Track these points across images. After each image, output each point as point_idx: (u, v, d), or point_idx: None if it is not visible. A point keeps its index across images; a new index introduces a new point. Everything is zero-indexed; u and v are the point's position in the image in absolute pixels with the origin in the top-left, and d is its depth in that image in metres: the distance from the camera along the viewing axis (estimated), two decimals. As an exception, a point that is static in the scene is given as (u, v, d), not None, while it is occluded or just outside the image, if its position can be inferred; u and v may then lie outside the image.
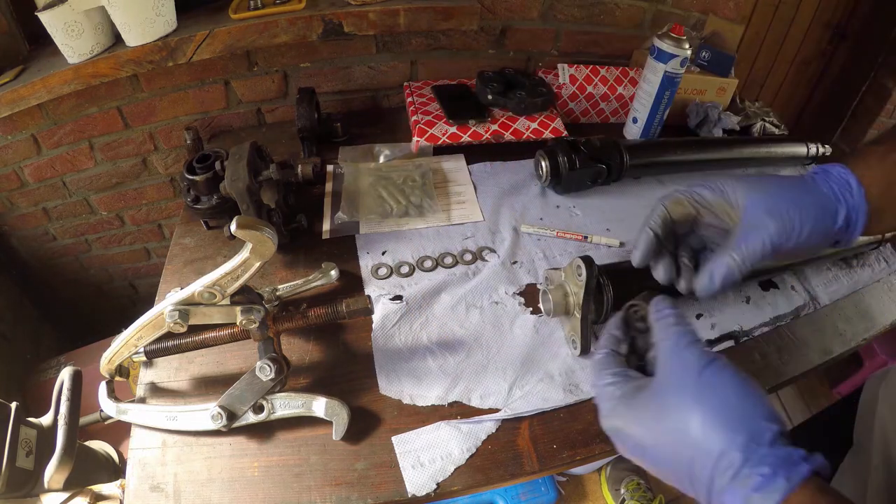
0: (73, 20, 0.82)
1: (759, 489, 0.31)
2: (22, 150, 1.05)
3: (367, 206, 0.85)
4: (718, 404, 0.34)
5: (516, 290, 0.74)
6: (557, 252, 0.79)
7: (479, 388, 0.63)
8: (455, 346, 0.67)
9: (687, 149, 0.92)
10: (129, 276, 1.42)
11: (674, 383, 0.37)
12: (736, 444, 0.32)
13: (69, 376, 0.67)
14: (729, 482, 0.32)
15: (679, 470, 0.35)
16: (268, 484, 0.55)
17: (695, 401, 0.35)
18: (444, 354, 0.66)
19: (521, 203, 0.87)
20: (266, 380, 0.57)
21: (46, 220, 1.20)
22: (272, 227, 0.51)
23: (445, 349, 0.66)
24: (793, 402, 1.54)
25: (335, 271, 0.74)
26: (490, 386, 0.63)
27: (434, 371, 0.64)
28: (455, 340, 0.67)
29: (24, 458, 0.69)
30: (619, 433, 0.39)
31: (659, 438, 0.36)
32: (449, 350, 0.66)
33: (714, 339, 0.70)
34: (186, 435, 0.59)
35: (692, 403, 0.35)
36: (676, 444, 0.35)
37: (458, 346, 0.67)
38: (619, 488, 1.29)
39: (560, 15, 1.06)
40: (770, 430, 0.33)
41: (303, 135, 0.93)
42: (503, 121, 0.97)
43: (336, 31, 0.92)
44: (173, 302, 0.55)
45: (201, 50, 0.89)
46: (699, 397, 0.35)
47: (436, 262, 0.77)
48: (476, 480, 0.56)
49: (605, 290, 0.62)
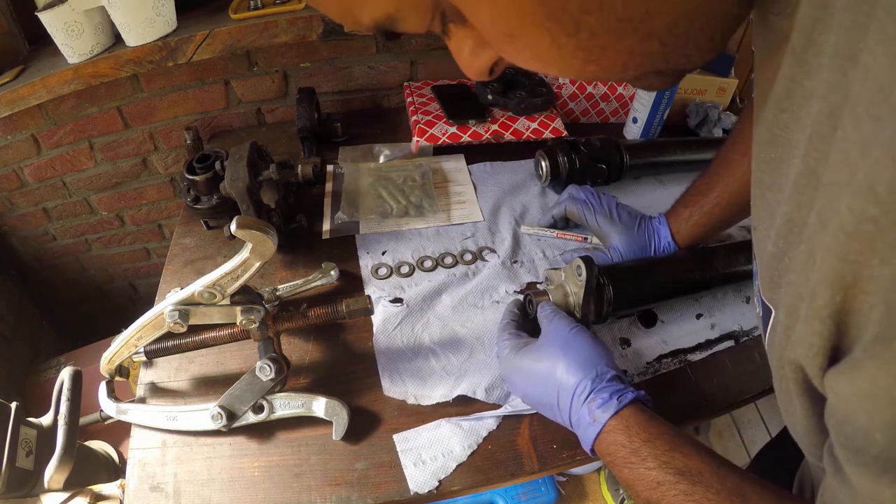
0: (73, 20, 0.82)
1: (600, 406, 0.47)
2: (22, 150, 1.05)
3: (367, 206, 0.85)
4: (577, 354, 0.50)
5: (517, 290, 0.74)
6: (557, 251, 0.79)
7: (482, 385, 0.63)
8: (457, 346, 0.67)
9: (687, 149, 0.92)
10: (129, 276, 1.42)
11: (548, 340, 0.53)
12: (588, 379, 0.48)
13: (69, 376, 0.67)
14: (581, 404, 0.48)
15: (550, 401, 0.51)
16: (268, 484, 0.55)
17: (562, 351, 0.51)
18: (446, 355, 0.66)
19: (521, 203, 0.87)
20: (266, 380, 0.57)
21: (46, 220, 1.20)
22: (272, 227, 0.51)
23: (448, 349, 0.66)
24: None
25: (335, 271, 0.74)
26: (494, 383, 0.63)
27: (437, 371, 0.64)
28: (457, 340, 0.67)
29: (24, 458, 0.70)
30: (509, 378, 0.57)
31: (535, 379, 0.52)
32: (452, 350, 0.66)
33: (714, 339, 0.70)
34: (186, 435, 0.59)
35: (560, 353, 0.51)
36: (547, 382, 0.51)
37: (461, 345, 0.67)
38: (618, 488, 1.29)
39: (560, 15, 1.06)
40: (609, 372, 0.49)
41: (303, 135, 0.93)
42: (503, 121, 0.97)
43: (336, 30, 0.92)
44: (173, 302, 0.55)
45: (201, 50, 0.89)
46: (565, 349, 0.51)
47: (436, 262, 0.77)
48: (476, 480, 0.56)
49: (604, 290, 0.62)
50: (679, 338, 0.70)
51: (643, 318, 0.72)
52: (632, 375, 0.65)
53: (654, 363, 0.67)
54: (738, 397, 0.64)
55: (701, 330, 0.71)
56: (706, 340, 0.70)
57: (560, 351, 0.51)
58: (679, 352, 0.68)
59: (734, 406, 0.65)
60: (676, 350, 0.68)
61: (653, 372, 0.66)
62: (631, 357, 0.67)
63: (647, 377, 0.65)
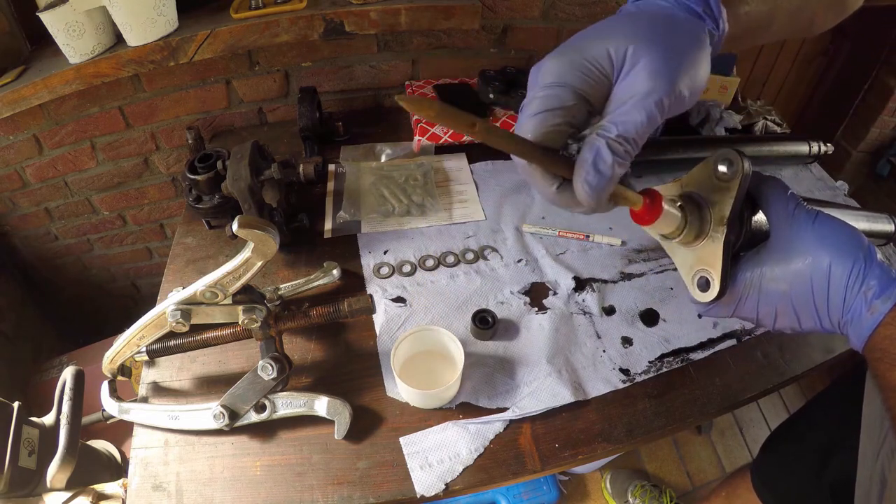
0: (75, 20, 0.82)
1: (878, 297, 0.39)
2: (24, 151, 1.05)
3: (369, 206, 0.85)
4: (834, 242, 0.41)
5: (521, 290, 0.74)
6: (560, 250, 0.79)
7: (486, 389, 0.63)
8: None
9: (689, 147, 0.92)
10: (131, 275, 1.42)
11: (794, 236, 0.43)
12: (858, 265, 0.40)
13: (71, 376, 0.67)
14: (856, 296, 0.40)
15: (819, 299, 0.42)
16: (270, 483, 0.55)
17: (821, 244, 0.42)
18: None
19: (523, 202, 0.87)
20: (268, 379, 0.57)
21: (48, 219, 1.20)
22: (274, 227, 0.51)
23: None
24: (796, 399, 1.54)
25: (337, 270, 0.74)
26: (498, 386, 0.63)
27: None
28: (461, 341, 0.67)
29: (27, 457, 0.70)
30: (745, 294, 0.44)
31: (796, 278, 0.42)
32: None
33: (717, 338, 0.70)
34: (189, 434, 0.59)
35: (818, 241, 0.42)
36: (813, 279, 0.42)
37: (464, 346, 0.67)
38: (626, 500, 1.28)
39: (561, 14, 1.06)
40: (874, 252, 0.41)
41: (304, 134, 0.93)
42: (505, 119, 0.97)
43: (337, 30, 0.91)
44: (175, 301, 0.55)
45: (203, 49, 0.89)
46: (822, 240, 0.42)
47: (438, 262, 0.77)
48: (479, 479, 0.56)
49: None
50: (681, 336, 0.70)
51: (645, 316, 0.71)
52: (633, 374, 0.65)
53: (656, 362, 0.67)
54: (740, 396, 0.64)
55: (703, 329, 0.71)
56: (708, 339, 0.69)
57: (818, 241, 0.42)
58: (681, 350, 0.68)
59: (736, 405, 0.65)
60: (678, 349, 0.68)
61: (655, 371, 0.66)
62: (633, 356, 0.67)
63: (649, 376, 0.65)
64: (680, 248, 0.46)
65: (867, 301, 0.40)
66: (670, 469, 1.40)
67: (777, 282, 0.43)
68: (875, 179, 1.75)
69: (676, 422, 0.61)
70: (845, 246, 0.41)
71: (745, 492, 0.84)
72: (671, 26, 0.41)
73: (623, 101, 0.39)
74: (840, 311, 0.41)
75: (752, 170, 0.43)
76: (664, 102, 0.39)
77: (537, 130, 0.39)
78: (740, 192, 0.42)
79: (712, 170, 0.43)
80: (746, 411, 1.53)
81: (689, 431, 1.46)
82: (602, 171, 0.38)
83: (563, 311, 0.71)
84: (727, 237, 0.43)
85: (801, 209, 0.44)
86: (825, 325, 0.42)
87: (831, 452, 0.66)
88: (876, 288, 0.40)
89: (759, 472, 0.82)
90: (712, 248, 0.44)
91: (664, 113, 0.39)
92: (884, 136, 1.69)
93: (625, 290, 0.75)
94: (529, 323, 0.70)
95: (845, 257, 0.41)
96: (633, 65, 0.39)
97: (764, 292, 0.44)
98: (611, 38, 0.39)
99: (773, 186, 0.45)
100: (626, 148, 0.39)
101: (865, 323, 0.40)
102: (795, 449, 0.76)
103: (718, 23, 0.43)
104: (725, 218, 0.43)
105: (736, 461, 1.42)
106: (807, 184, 0.96)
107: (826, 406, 0.76)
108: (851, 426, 0.54)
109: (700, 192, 0.44)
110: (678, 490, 1.34)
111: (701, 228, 0.44)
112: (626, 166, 0.39)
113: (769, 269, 0.43)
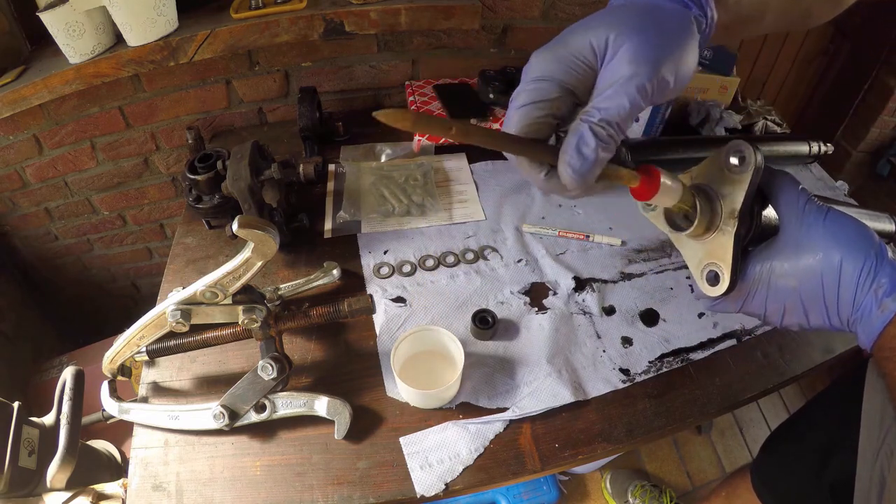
0: (75, 20, 0.82)
1: (889, 294, 0.39)
2: (24, 151, 1.05)
3: (369, 206, 0.85)
4: (846, 238, 0.41)
5: (521, 290, 0.74)
6: (560, 250, 0.79)
7: (486, 389, 0.63)
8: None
9: (689, 147, 0.92)
10: (132, 275, 1.42)
11: (805, 232, 0.43)
12: (869, 261, 0.40)
13: (71, 376, 0.67)
14: (866, 293, 0.40)
15: (829, 296, 0.41)
16: (270, 483, 0.55)
17: (833, 238, 0.41)
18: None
19: (523, 202, 0.87)
20: (268, 379, 0.57)
21: (48, 220, 1.20)
22: (274, 227, 0.51)
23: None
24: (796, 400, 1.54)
25: (337, 270, 0.74)
26: (498, 386, 0.63)
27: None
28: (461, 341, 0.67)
29: (27, 457, 0.70)
30: (754, 289, 0.44)
31: (805, 274, 0.42)
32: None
33: (717, 338, 0.70)
34: (189, 434, 0.59)
35: (829, 238, 0.41)
36: (823, 275, 0.41)
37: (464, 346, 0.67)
38: (626, 499, 1.28)
39: (561, 14, 1.06)
40: (885, 250, 0.40)
41: (304, 134, 0.93)
42: (504, 119, 0.97)
43: (337, 30, 0.91)
44: (175, 301, 0.55)
45: (203, 49, 0.89)
46: (833, 237, 0.41)
47: (438, 262, 0.77)
48: (479, 479, 0.56)
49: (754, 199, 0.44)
50: (681, 336, 0.70)
51: (645, 316, 0.71)
52: (633, 374, 0.65)
53: (656, 362, 0.67)
54: (740, 396, 0.64)
55: (703, 328, 0.71)
56: (708, 339, 0.69)
57: (831, 240, 0.41)
58: (681, 350, 0.68)
59: (736, 405, 0.65)
60: (678, 349, 0.68)
61: (655, 371, 0.66)
62: (633, 356, 0.67)
63: (649, 376, 0.65)
64: (689, 242, 0.45)
65: (877, 299, 0.39)
66: (670, 469, 1.40)
67: (787, 277, 0.43)
68: (875, 179, 1.75)
69: (676, 422, 0.61)
70: (857, 243, 0.41)
71: (745, 492, 0.84)
72: (655, 14, 0.41)
73: (606, 87, 0.39)
74: (850, 308, 0.41)
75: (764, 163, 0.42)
76: (647, 87, 0.38)
77: (522, 123, 0.40)
78: (752, 184, 0.41)
79: (723, 161, 0.42)
80: (746, 411, 1.53)
81: (689, 431, 1.46)
82: (585, 154, 0.38)
83: (563, 311, 0.71)
84: (738, 230, 0.42)
85: (812, 205, 0.43)
86: (834, 322, 0.42)
87: (831, 452, 0.66)
88: (887, 286, 0.39)
89: (758, 472, 0.82)
90: (722, 241, 0.43)
91: (647, 98, 0.39)
92: (884, 136, 1.69)
93: (625, 290, 0.75)
94: (529, 323, 0.70)
95: (857, 254, 0.40)
96: (616, 52, 0.39)
97: (773, 288, 0.44)
98: (594, 29, 0.39)
99: (784, 181, 0.45)
100: (609, 132, 0.39)
101: (875, 321, 0.40)
102: (795, 449, 0.76)
103: (706, 10, 0.42)
104: (736, 211, 0.42)
105: (736, 461, 1.42)
106: (807, 184, 0.95)
107: (826, 406, 0.76)
108: (851, 426, 0.54)
109: (710, 184, 0.43)
110: (678, 490, 1.34)
111: (711, 221, 0.43)
112: (612, 150, 0.39)
113: (779, 265, 0.43)
